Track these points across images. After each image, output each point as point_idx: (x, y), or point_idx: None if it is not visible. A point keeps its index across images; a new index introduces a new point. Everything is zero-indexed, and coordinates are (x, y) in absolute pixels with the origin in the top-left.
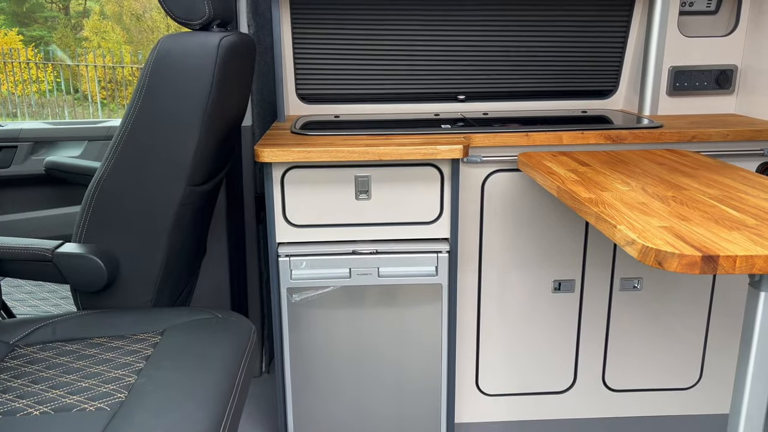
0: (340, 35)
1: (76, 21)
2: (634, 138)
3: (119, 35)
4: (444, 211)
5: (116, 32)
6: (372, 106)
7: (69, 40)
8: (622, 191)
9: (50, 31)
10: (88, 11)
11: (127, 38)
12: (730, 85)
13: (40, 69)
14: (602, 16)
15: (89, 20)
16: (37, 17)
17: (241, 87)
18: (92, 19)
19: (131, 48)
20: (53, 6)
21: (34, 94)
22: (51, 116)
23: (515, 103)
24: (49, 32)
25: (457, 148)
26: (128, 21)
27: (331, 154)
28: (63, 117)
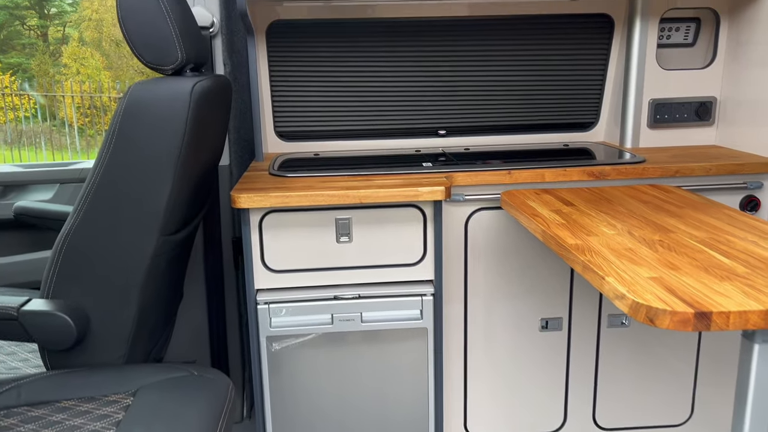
0: (317, 72)
1: (55, 48)
2: (617, 174)
3: (98, 61)
4: (427, 253)
5: (95, 58)
6: (351, 143)
7: (47, 67)
8: (608, 235)
9: (28, 58)
10: (67, 38)
11: (106, 64)
12: (710, 117)
13: (16, 97)
14: (582, 49)
15: (68, 47)
16: (14, 44)
17: (217, 130)
18: (71, 46)
19: (111, 74)
20: (31, 33)
21: (9, 123)
22: (27, 145)
23: (496, 137)
24: (27, 59)
25: (438, 190)
26: (108, 47)
27: (311, 199)
28: (39, 146)
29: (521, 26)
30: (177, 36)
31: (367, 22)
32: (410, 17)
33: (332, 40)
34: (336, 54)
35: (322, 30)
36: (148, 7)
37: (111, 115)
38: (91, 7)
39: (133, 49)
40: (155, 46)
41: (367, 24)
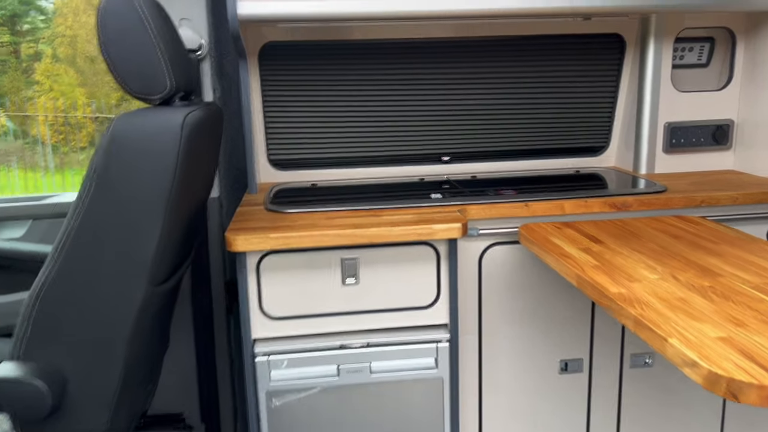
0: (313, 96)
1: (27, 65)
2: (639, 205)
3: (72, 78)
4: (441, 294)
5: (69, 75)
6: (350, 171)
7: (20, 84)
8: (651, 280)
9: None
10: (40, 54)
11: (80, 81)
12: (727, 141)
13: None
14: (592, 70)
15: (41, 63)
16: None
17: (209, 163)
18: (44, 63)
19: (85, 90)
20: (2, 50)
21: None
22: None
23: (503, 163)
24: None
25: (454, 227)
26: (82, 63)
27: (315, 239)
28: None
29: (527, 47)
30: (166, 62)
31: (366, 44)
32: (411, 38)
33: (329, 62)
34: (333, 77)
35: (318, 52)
36: (134, 31)
37: (86, 132)
38: (65, 23)
39: (116, 77)
40: (142, 73)
41: (366, 45)
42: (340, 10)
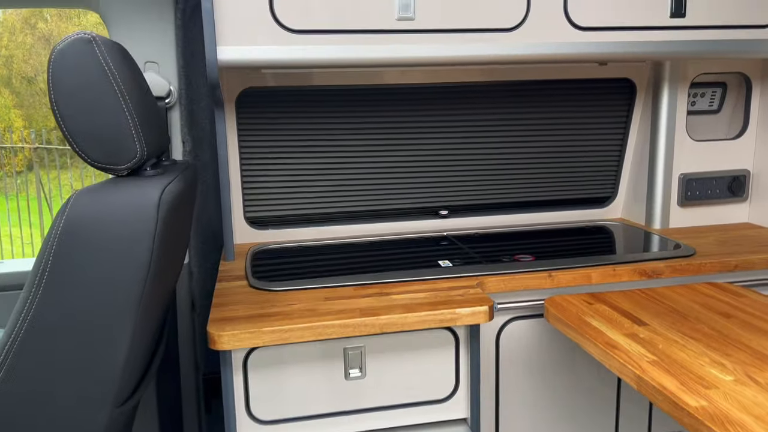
0: (296, 146)
1: None
2: (671, 272)
3: (7, 99)
4: (460, 385)
5: (4, 96)
6: (338, 228)
7: None
8: (727, 384)
9: None
10: None
11: (16, 102)
12: (744, 192)
13: None
14: (599, 117)
15: None
16: None
17: (184, 238)
18: None
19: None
20: None
21: None
22: None
23: (504, 217)
24: None
25: (481, 312)
26: (18, 84)
27: (317, 332)
28: None
29: (529, 92)
30: (134, 123)
31: (355, 89)
32: (405, 83)
33: (313, 109)
34: (317, 125)
35: (301, 98)
36: (95, 85)
37: (22, 156)
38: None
39: (73, 144)
40: (105, 139)
41: (355, 91)
42: (334, 55)
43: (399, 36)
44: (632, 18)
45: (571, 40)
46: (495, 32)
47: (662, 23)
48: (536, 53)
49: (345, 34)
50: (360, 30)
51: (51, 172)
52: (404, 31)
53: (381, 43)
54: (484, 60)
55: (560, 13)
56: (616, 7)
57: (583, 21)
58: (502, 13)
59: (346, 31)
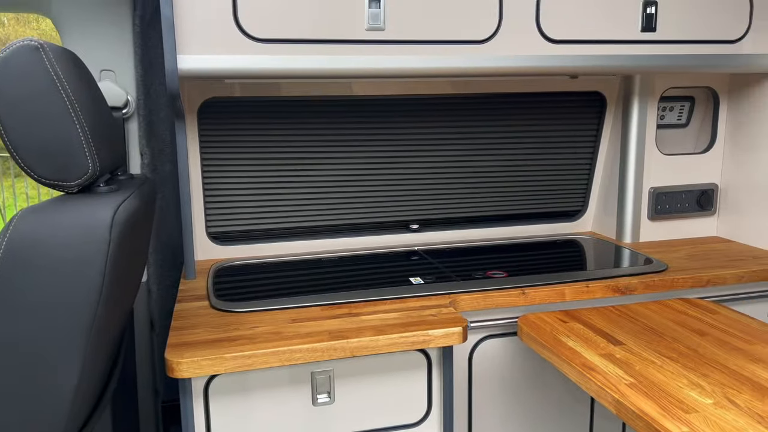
0: (260, 159)
1: None
2: (645, 288)
3: None
4: (433, 408)
5: None
6: (304, 243)
7: None
8: (707, 408)
9: None
10: None
11: None
12: (712, 206)
13: None
14: (569, 130)
15: None
16: None
17: (140, 256)
18: None
19: None
20: None
21: None
22: None
23: (475, 231)
24: None
25: (454, 333)
26: None
27: (283, 357)
28: None
29: (501, 105)
30: (86, 136)
31: (323, 101)
32: (374, 95)
33: (279, 120)
34: (283, 137)
35: (268, 109)
36: (41, 95)
37: None
38: None
39: (16, 158)
40: (54, 154)
41: (323, 103)
42: (300, 66)
43: (368, 47)
44: (604, 32)
45: (542, 52)
46: (467, 44)
47: (633, 37)
48: (508, 66)
49: (312, 43)
50: (327, 40)
51: (6, 180)
52: (374, 42)
53: (349, 53)
54: (456, 72)
55: (532, 25)
56: (587, 21)
57: (555, 34)
58: (474, 25)
59: (313, 40)
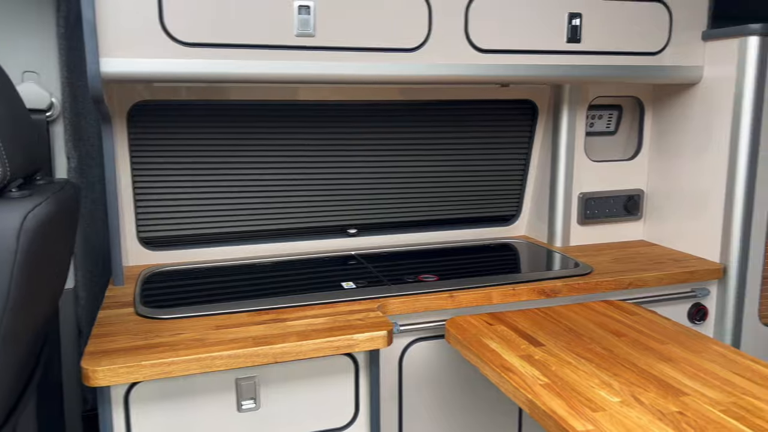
0: (193, 163)
1: None
2: (569, 290)
3: None
4: (360, 411)
5: None
6: (239, 248)
7: None
8: (614, 406)
9: None
10: None
11: None
12: (638, 211)
13: None
14: (503, 137)
15: None
16: None
17: (60, 262)
18: None
19: None
20: None
21: None
22: None
23: (413, 235)
24: None
25: (379, 337)
26: None
27: (204, 363)
28: None
29: (436, 112)
30: None
31: (258, 105)
32: (311, 100)
33: (212, 124)
34: (217, 141)
35: (199, 113)
36: None
37: None
38: None
39: None
40: None
41: (258, 106)
42: (228, 70)
43: (298, 52)
44: (531, 42)
45: (472, 62)
46: (397, 52)
47: (559, 48)
48: (438, 74)
49: (240, 48)
50: (256, 45)
51: None
52: (303, 48)
53: (278, 59)
54: (386, 79)
55: (461, 35)
56: (516, 31)
57: (484, 44)
58: (404, 33)
59: (242, 45)
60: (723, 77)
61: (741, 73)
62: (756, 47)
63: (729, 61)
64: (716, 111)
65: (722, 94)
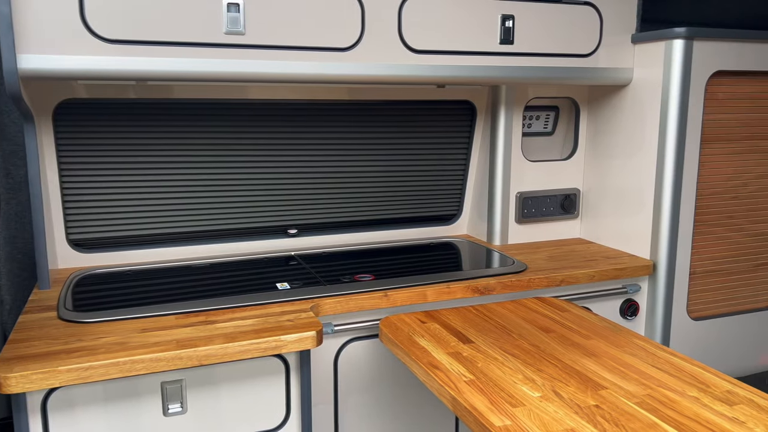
0: (125, 162)
1: None
2: (502, 288)
3: None
4: (292, 412)
5: None
6: (176, 250)
7: None
8: (534, 402)
9: None
10: None
11: None
12: (575, 210)
13: None
14: (443, 137)
15: None
16: None
17: None
18: None
19: None
20: None
21: None
22: None
23: (354, 235)
24: None
25: (308, 337)
26: None
27: (124, 368)
28: None
29: (377, 112)
30: None
31: (191, 103)
32: (249, 99)
33: (144, 122)
34: (150, 139)
35: (130, 111)
36: None
37: None
38: None
39: None
40: None
41: (191, 105)
42: (154, 68)
43: (227, 50)
44: (465, 43)
45: (406, 62)
46: (330, 51)
47: (493, 49)
48: (371, 74)
49: (168, 46)
50: (184, 42)
51: None
52: (233, 46)
53: (207, 57)
54: (319, 78)
55: (395, 36)
56: (450, 32)
57: (418, 44)
58: (338, 32)
59: (169, 43)
60: (651, 79)
61: (667, 75)
62: (680, 50)
63: (656, 64)
64: (645, 112)
65: (650, 96)
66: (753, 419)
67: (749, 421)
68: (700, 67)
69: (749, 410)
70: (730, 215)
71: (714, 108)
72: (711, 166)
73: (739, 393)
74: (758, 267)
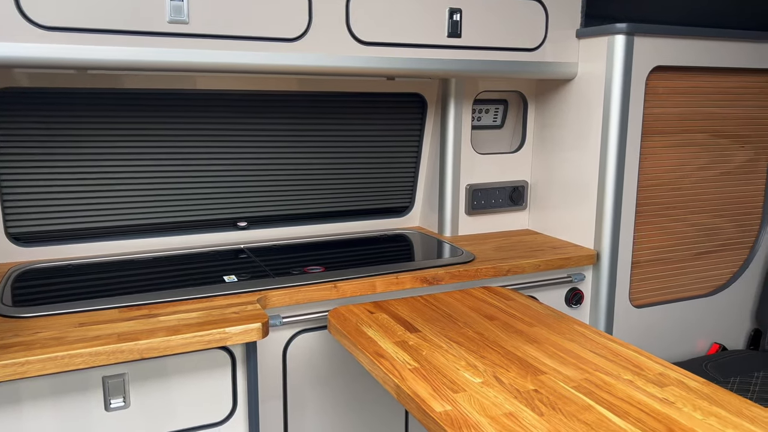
0: (68, 153)
1: None
2: (451, 278)
3: None
4: (238, 406)
5: None
6: (120, 243)
7: None
8: (475, 387)
9: None
10: None
11: None
12: (523, 201)
13: None
14: (395, 130)
15: None
16: None
17: None
18: None
19: None
20: None
21: None
22: None
23: (306, 227)
24: None
25: (253, 329)
26: None
27: (61, 362)
28: None
29: (329, 104)
30: None
31: (138, 93)
32: (196, 89)
33: (88, 112)
34: (94, 130)
35: (74, 101)
36: None
37: None
38: None
39: None
40: None
41: (138, 95)
42: (93, 56)
43: (170, 39)
44: (413, 36)
45: (353, 53)
46: (276, 41)
47: (440, 42)
48: (318, 65)
49: (108, 34)
50: (125, 31)
51: None
52: (177, 35)
53: (149, 45)
54: (264, 69)
55: (342, 27)
56: (398, 24)
57: (366, 36)
58: (284, 23)
59: (109, 31)
60: (594, 74)
61: (609, 70)
62: (622, 46)
63: (599, 59)
64: (589, 106)
65: (594, 90)
66: (681, 399)
67: (678, 402)
68: (640, 63)
69: (679, 391)
70: (670, 206)
71: (654, 102)
72: (652, 158)
73: (670, 375)
74: (697, 256)
